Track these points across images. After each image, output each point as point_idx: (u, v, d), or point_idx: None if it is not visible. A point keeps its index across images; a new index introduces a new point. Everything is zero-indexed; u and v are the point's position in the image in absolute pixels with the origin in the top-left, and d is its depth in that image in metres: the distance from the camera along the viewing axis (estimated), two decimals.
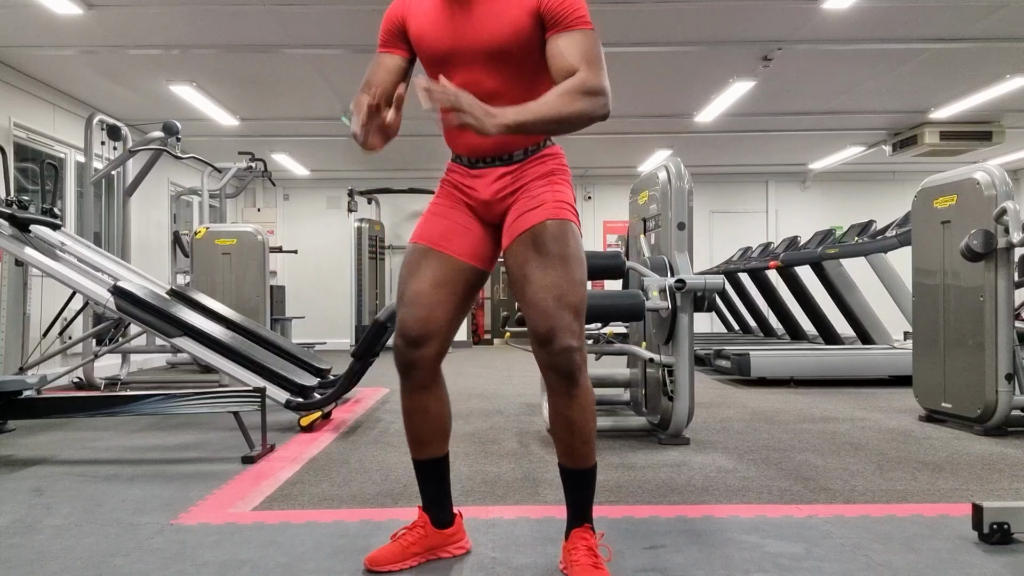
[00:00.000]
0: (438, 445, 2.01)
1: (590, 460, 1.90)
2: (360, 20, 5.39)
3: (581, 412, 1.84)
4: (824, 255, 6.68)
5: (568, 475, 1.92)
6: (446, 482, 2.06)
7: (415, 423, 1.98)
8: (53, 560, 2.06)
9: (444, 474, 2.05)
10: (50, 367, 5.35)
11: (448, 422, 2.02)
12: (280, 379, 4.12)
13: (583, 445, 1.87)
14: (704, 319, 10.93)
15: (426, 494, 2.04)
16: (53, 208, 5.05)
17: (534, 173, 1.90)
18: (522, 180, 1.89)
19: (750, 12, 5.33)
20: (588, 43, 1.76)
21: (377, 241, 10.94)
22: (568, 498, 1.93)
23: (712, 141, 9.30)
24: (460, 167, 1.97)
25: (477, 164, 1.93)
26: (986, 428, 3.86)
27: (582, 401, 1.84)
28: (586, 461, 1.89)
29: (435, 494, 2.04)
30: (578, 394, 1.82)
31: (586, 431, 1.86)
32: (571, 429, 1.86)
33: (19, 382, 3.58)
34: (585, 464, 1.90)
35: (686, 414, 3.64)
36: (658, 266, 3.70)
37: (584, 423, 1.85)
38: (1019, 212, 3.66)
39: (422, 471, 2.04)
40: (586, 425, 1.86)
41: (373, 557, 1.96)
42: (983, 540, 2.14)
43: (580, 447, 1.88)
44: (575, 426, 1.85)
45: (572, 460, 1.89)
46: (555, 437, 1.91)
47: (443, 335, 1.91)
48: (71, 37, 5.64)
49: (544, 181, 1.89)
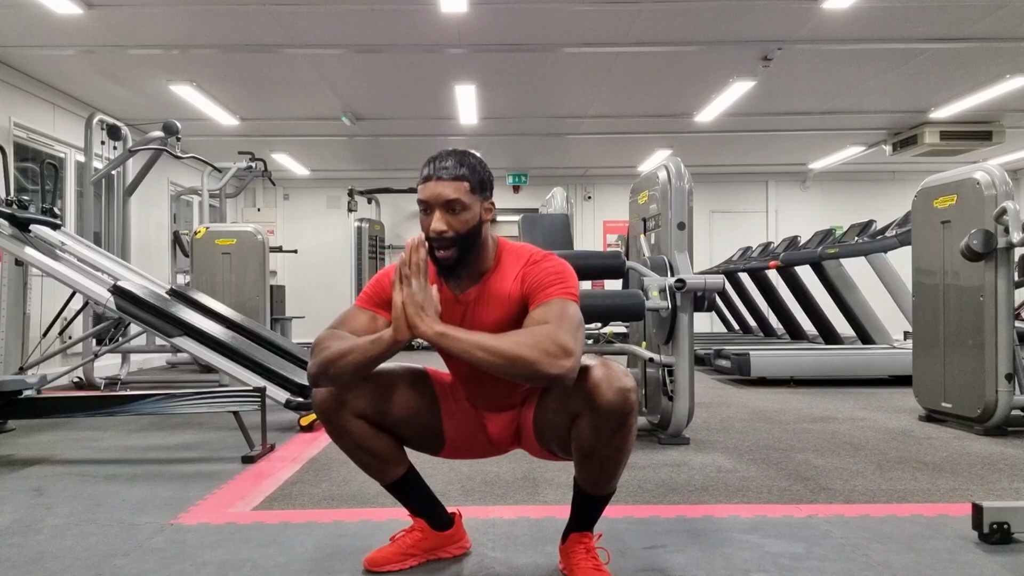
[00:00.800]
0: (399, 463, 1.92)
1: (612, 488, 1.84)
2: (360, 20, 5.39)
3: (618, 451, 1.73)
4: (824, 255, 6.68)
5: (583, 496, 1.86)
6: (425, 490, 1.99)
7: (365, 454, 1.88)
8: (53, 560, 2.06)
9: (419, 484, 1.98)
10: (50, 367, 5.35)
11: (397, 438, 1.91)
12: (280, 379, 4.12)
13: (611, 480, 1.81)
14: (704, 319, 10.93)
15: (412, 508, 2.01)
16: (53, 208, 5.05)
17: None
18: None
19: (750, 12, 5.33)
20: (565, 308, 1.67)
21: (377, 241, 10.94)
22: (577, 510, 1.89)
23: (712, 141, 9.30)
24: None
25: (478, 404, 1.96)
26: (986, 428, 3.86)
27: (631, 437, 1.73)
28: (604, 490, 1.84)
29: (421, 505, 2.00)
30: (628, 433, 1.72)
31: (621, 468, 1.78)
32: (602, 467, 1.76)
33: (19, 382, 3.58)
34: (603, 492, 1.84)
35: (686, 414, 3.64)
36: (658, 266, 3.70)
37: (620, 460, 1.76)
38: (1019, 212, 3.66)
39: (396, 492, 1.97)
40: (622, 461, 1.77)
41: (372, 558, 1.96)
42: (983, 540, 2.13)
43: (607, 482, 1.81)
44: (608, 464, 1.75)
45: (592, 489, 1.83)
46: (580, 467, 1.79)
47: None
48: (71, 37, 5.64)
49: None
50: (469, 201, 1.73)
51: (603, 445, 1.71)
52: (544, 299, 1.71)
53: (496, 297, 1.80)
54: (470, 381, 1.90)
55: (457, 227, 1.73)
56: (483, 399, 1.92)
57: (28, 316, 4.85)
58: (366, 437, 1.84)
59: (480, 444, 1.97)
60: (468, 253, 1.77)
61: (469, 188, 1.74)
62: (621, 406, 1.66)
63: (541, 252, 1.84)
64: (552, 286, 1.72)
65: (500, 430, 1.94)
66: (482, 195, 1.78)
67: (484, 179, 1.78)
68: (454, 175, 1.72)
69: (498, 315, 1.79)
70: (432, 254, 1.75)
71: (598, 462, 1.75)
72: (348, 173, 11.19)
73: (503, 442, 1.96)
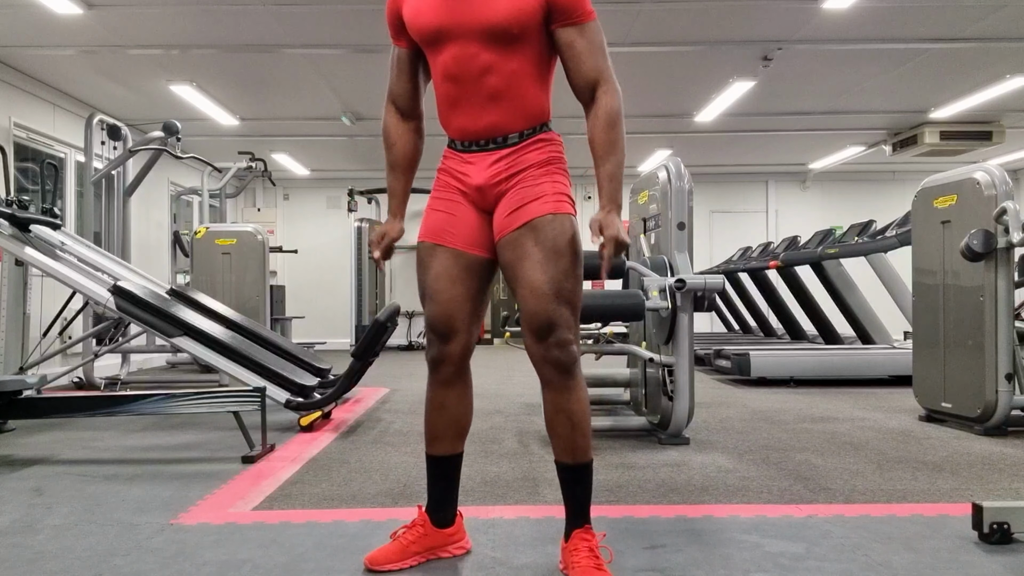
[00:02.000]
0: (451, 443, 2.00)
1: (589, 454, 1.90)
2: (360, 20, 5.39)
3: (579, 404, 1.85)
4: (824, 255, 6.68)
5: (568, 471, 1.91)
6: (455, 482, 2.05)
7: (432, 417, 1.99)
8: (53, 560, 2.06)
9: (453, 474, 2.04)
10: (50, 367, 5.35)
11: (466, 422, 2.02)
12: (280, 379, 4.12)
13: (583, 438, 1.87)
14: (704, 319, 10.94)
15: (433, 492, 2.03)
16: (53, 208, 5.05)
17: (531, 160, 1.86)
18: (518, 166, 1.86)
19: (750, 12, 5.33)
20: (600, 40, 1.82)
21: None
22: (567, 498, 1.92)
23: (712, 141, 9.30)
24: (454, 152, 1.94)
25: (470, 148, 1.90)
26: (986, 428, 3.86)
27: (580, 393, 1.85)
28: (585, 455, 1.89)
29: (442, 493, 2.03)
30: (575, 386, 1.84)
31: (585, 423, 1.87)
32: (571, 422, 1.85)
33: (19, 382, 3.58)
34: (585, 458, 1.89)
35: (686, 414, 3.64)
36: (658, 266, 3.70)
37: (583, 415, 1.86)
38: (1019, 212, 3.66)
39: (431, 467, 2.03)
40: (584, 417, 1.87)
41: (373, 557, 1.96)
42: (983, 540, 2.14)
43: (580, 440, 1.87)
44: (575, 418, 1.85)
45: (573, 455, 1.88)
46: (554, 434, 1.90)
47: (467, 330, 1.92)
48: (71, 37, 5.64)
49: (542, 170, 1.86)
50: None
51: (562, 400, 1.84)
52: (579, 21, 1.79)
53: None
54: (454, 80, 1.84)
55: None
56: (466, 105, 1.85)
57: (28, 316, 4.85)
58: (457, 400, 1.96)
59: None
60: None
61: None
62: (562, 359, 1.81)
63: None
64: (583, 6, 1.80)
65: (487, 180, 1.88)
66: None
67: None
68: None
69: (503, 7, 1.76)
70: None
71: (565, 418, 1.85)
72: (348, 173, 11.19)
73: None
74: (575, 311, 1.83)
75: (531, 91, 1.85)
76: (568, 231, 1.83)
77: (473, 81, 1.81)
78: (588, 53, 1.81)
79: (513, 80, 1.81)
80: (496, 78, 1.79)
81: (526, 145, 1.87)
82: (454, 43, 1.80)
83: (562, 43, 1.82)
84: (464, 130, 1.88)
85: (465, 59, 1.78)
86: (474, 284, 1.92)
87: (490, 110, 1.83)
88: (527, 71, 1.82)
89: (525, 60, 1.81)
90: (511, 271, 1.85)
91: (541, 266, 1.80)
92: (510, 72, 1.80)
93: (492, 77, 1.79)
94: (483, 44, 1.79)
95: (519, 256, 1.82)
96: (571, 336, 1.81)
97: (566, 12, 1.79)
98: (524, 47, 1.80)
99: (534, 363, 1.85)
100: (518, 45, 1.79)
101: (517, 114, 1.84)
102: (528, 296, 1.80)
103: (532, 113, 1.86)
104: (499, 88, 1.81)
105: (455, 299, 1.89)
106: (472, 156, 1.90)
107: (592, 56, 1.81)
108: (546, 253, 1.80)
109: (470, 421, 2.03)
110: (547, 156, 1.88)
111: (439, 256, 1.91)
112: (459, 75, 1.82)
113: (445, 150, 1.98)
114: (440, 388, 1.96)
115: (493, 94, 1.82)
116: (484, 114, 1.84)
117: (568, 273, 1.81)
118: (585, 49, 1.81)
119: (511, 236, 1.84)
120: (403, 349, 10.73)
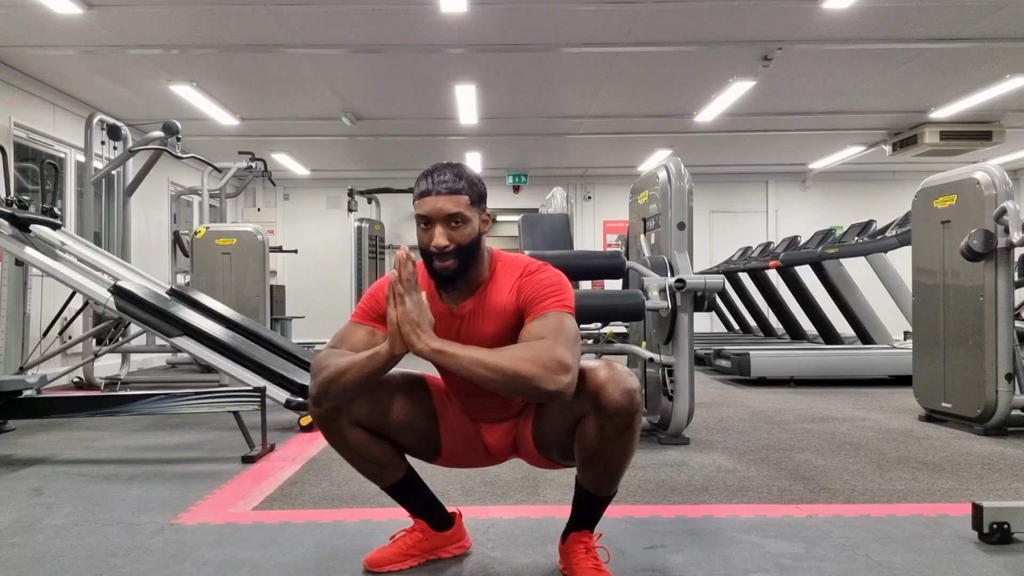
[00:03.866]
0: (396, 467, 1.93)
1: (615, 489, 1.85)
2: (360, 20, 5.39)
3: (623, 452, 1.74)
4: (824, 255, 6.68)
5: (586, 496, 1.86)
6: (424, 490, 2.00)
7: (358, 463, 1.90)
8: (53, 560, 2.06)
9: (417, 485, 1.99)
10: (50, 367, 5.35)
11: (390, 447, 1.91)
12: (280, 379, 4.12)
13: (614, 481, 1.81)
14: (704, 319, 10.93)
15: (412, 510, 2.01)
16: (53, 208, 5.05)
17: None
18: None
19: (750, 12, 5.33)
20: (562, 322, 1.68)
21: (377, 241, 10.94)
22: (578, 511, 1.89)
23: (712, 141, 9.30)
24: None
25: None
26: (986, 428, 3.86)
27: (635, 437, 1.74)
28: (610, 491, 1.84)
29: (420, 505, 2.00)
30: (633, 434, 1.72)
31: (624, 468, 1.79)
32: (607, 468, 1.76)
33: (19, 382, 3.58)
34: (607, 493, 1.85)
35: (686, 414, 3.64)
36: (658, 266, 3.70)
37: (625, 461, 1.76)
38: (1019, 212, 3.66)
39: (394, 495, 1.98)
40: (626, 462, 1.77)
41: (372, 558, 1.96)
42: (983, 540, 2.14)
43: (610, 483, 1.81)
44: (612, 465, 1.76)
45: (596, 490, 1.83)
46: (584, 469, 1.79)
47: None
48: (71, 37, 5.64)
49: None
50: (469, 214, 1.73)
51: (608, 446, 1.70)
52: (540, 312, 1.70)
53: (491, 310, 1.79)
54: (466, 395, 1.89)
55: (459, 240, 1.72)
56: (479, 411, 1.91)
57: (28, 316, 4.85)
58: (363, 444, 1.85)
59: (477, 453, 1.96)
60: (468, 265, 1.76)
61: (468, 202, 1.73)
62: (627, 407, 1.66)
63: (536, 263, 1.83)
64: (548, 298, 1.72)
65: (497, 440, 1.93)
66: (479, 208, 1.77)
67: (481, 192, 1.78)
68: (453, 189, 1.71)
69: (493, 328, 1.78)
70: (430, 267, 1.75)
71: (603, 463, 1.75)
72: (348, 173, 11.19)
73: (500, 452, 1.96)
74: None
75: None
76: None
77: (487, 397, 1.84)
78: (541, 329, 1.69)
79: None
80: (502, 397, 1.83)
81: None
82: None
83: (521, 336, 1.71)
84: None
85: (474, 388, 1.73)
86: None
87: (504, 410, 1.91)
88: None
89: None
90: None
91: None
92: None
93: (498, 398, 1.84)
94: None
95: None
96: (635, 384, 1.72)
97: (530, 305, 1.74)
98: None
99: (592, 421, 1.71)
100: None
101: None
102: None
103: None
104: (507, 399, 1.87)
105: None
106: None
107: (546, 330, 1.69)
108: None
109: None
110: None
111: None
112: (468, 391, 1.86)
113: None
114: (351, 431, 1.83)
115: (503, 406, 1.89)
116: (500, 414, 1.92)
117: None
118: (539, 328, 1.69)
119: None
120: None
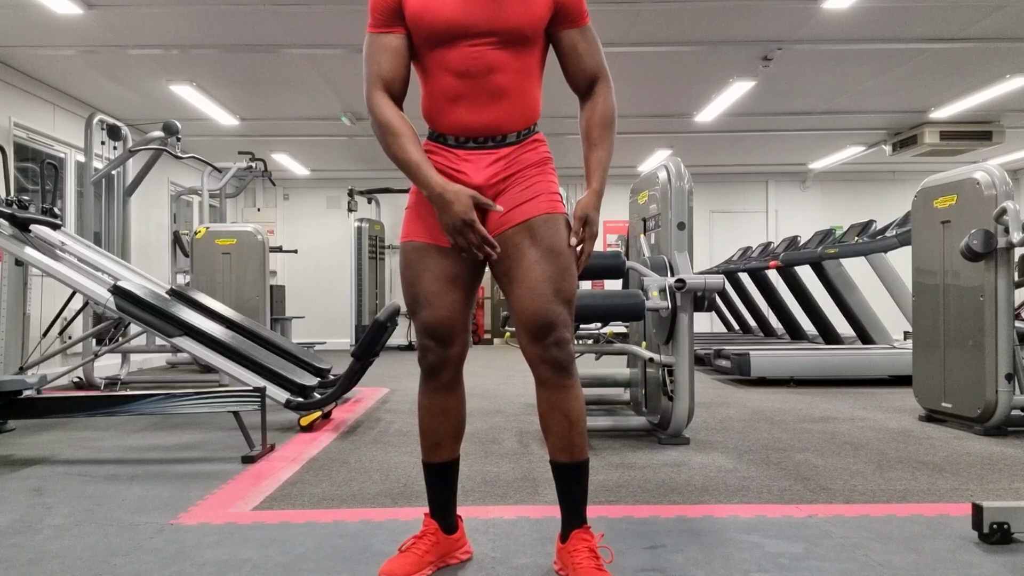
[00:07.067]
0: (451, 447, 1.99)
1: (586, 452, 1.90)
2: (360, 20, 5.36)
3: (576, 402, 1.85)
4: (824, 255, 6.68)
5: (565, 470, 1.89)
6: (455, 487, 2.04)
7: (435, 423, 1.96)
8: (53, 560, 2.06)
9: (454, 479, 2.03)
10: (50, 367, 5.35)
11: (464, 424, 2.01)
12: (280, 379, 4.12)
13: (580, 436, 1.87)
14: (704, 319, 10.93)
15: (437, 500, 2.01)
16: (53, 208, 5.05)
17: (527, 160, 1.88)
18: (516, 167, 1.87)
19: (750, 12, 5.33)
20: (597, 40, 1.93)
21: (377, 241, 10.94)
22: (564, 498, 1.91)
23: (712, 141, 9.30)
24: (444, 148, 1.89)
25: (466, 144, 1.87)
26: (986, 428, 3.86)
27: (577, 391, 1.86)
28: (583, 453, 1.89)
29: (444, 499, 2.01)
30: (572, 385, 1.84)
31: (582, 421, 1.87)
32: (569, 420, 1.85)
33: (19, 382, 3.58)
34: (582, 456, 1.89)
35: (686, 414, 3.64)
36: (658, 266, 3.70)
37: (580, 413, 1.86)
38: (1019, 212, 3.66)
39: (433, 475, 2.00)
40: (581, 415, 1.87)
41: (390, 570, 1.90)
42: (983, 540, 2.14)
43: (577, 438, 1.87)
44: (572, 416, 1.85)
45: (570, 453, 1.87)
46: (550, 433, 1.88)
47: (465, 330, 1.92)
48: (71, 37, 5.64)
49: (537, 170, 1.89)
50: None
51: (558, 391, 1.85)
52: (580, 23, 1.88)
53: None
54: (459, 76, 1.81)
55: None
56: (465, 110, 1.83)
57: (28, 316, 4.85)
58: (446, 411, 1.95)
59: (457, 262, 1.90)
60: None
61: None
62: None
63: None
64: (584, 9, 1.88)
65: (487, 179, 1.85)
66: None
67: None
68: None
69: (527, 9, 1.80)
70: None
71: (562, 414, 1.85)
72: (348, 173, 11.20)
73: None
74: (572, 309, 1.85)
75: (531, 91, 1.88)
76: (564, 230, 1.85)
77: (480, 77, 1.81)
78: (589, 54, 1.91)
79: (518, 79, 1.83)
80: (503, 77, 1.81)
81: (523, 145, 1.89)
82: (467, 40, 1.80)
83: (566, 44, 1.89)
84: (464, 126, 1.86)
85: (475, 56, 1.78)
86: (469, 284, 1.91)
87: (492, 107, 1.84)
88: (531, 71, 1.86)
89: (530, 60, 1.85)
90: (506, 270, 1.84)
91: (539, 265, 1.80)
92: (516, 71, 1.82)
93: (500, 76, 1.80)
94: (496, 43, 1.80)
95: (515, 256, 1.82)
96: (569, 335, 1.82)
97: (571, 16, 1.87)
98: (532, 48, 1.85)
99: (531, 363, 1.84)
100: (527, 46, 1.83)
101: (517, 113, 1.86)
102: (526, 296, 1.80)
103: (529, 114, 1.89)
104: (505, 86, 1.82)
105: (455, 302, 1.87)
106: (469, 154, 1.87)
107: (592, 56, 1.92)
108: (543, 252, 1.81)
109: (466, 423, 2.03)
110: (541, 157, 1.91)
111: (433, 257, 1.87)
112: (467, 71, 1.81)
113: (427, 143, 1.91)
114: (441, 393, 1.94)
115: (498, 92, 1.83)
116: (486, 111, 1.84)
117: (565, 272, 1.82)
118: (587, 50, 1.91)
119: (506, 235, 1.83)
120: (403, 349, 10.72)
